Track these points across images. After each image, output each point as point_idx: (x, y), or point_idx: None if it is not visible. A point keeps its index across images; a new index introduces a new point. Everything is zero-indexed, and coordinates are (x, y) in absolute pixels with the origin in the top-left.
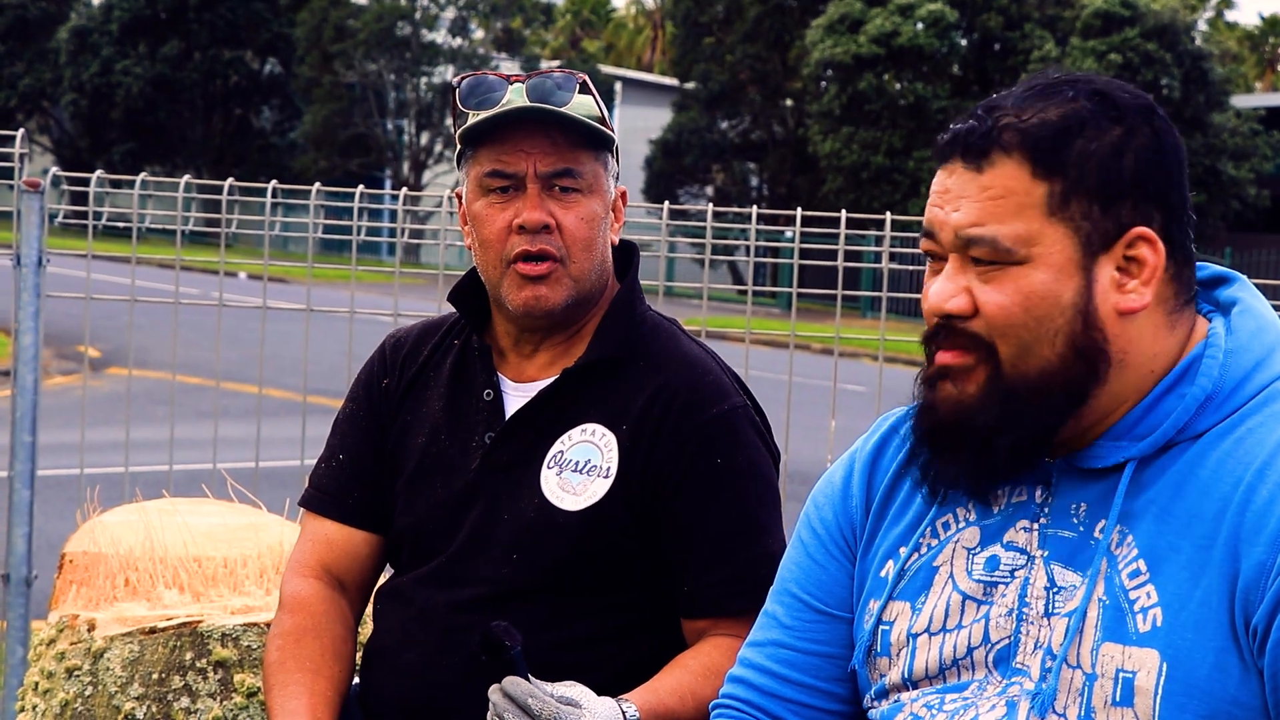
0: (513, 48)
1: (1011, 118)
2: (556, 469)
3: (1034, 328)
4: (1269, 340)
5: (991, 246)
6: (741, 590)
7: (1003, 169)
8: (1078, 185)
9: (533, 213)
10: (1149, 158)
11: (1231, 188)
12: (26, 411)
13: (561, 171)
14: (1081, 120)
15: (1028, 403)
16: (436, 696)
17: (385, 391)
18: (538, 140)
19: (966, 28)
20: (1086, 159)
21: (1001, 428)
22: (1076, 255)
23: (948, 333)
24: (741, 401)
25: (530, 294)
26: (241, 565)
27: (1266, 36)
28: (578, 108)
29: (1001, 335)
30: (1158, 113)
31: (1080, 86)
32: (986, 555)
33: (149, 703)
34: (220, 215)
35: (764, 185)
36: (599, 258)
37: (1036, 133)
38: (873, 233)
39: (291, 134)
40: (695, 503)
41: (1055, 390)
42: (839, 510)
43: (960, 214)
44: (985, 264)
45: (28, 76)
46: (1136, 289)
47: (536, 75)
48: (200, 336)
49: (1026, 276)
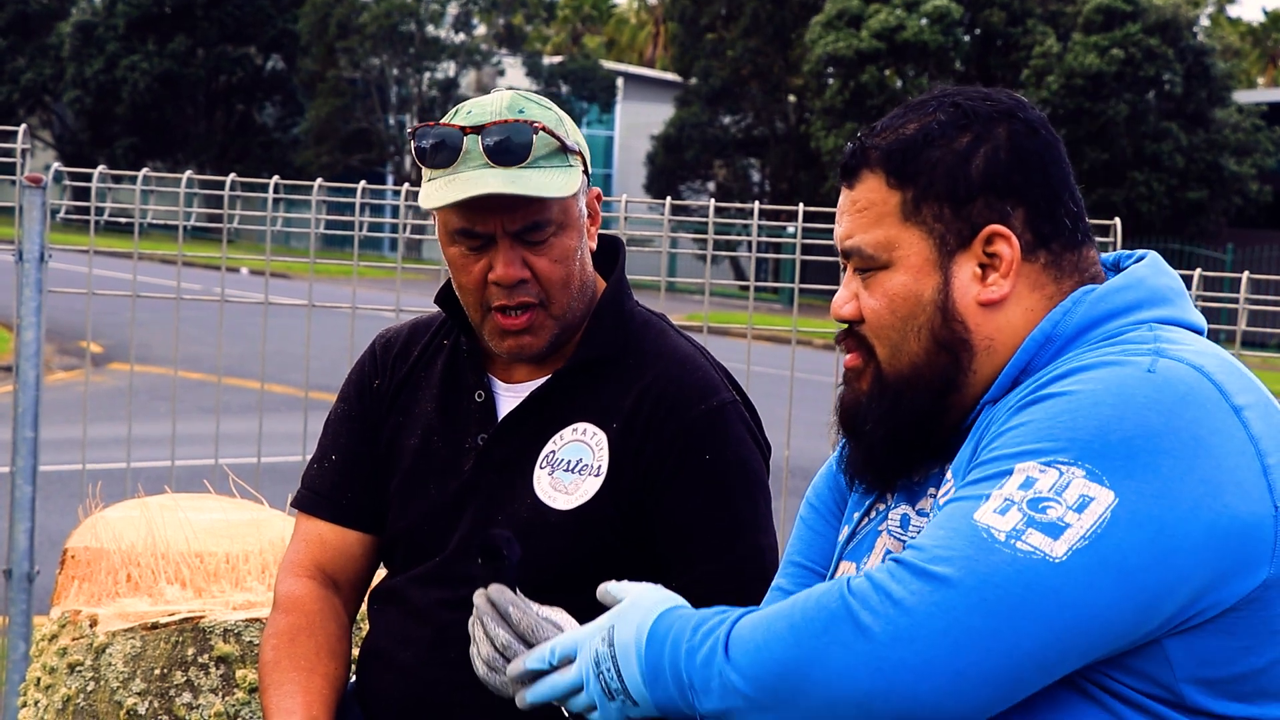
0: (514, 43)
1: (877, 138)
2: (549, 469)
3: (900, 326)
4: (1134, 296)
5: (859, 255)
6: (729, 585)
7: (866, 184)
8: (927, 191)
9: (507, 269)
10: (1000, 158)
11: (1233, 183)
12: (28, 407)
13: (531, 226)
14: (931, 132)
15: (903, 396)
16: (432, 694)
17: (376, 392)
18: (502, 199)
19: (969, 23)
20: (934, 166)
21: (881, 421)
22: (933, 255)
23: (846, 336)
24: (730, 397)
25: (513, 343)
26: (243, 561)
27: (1269, 32)
28: (540, 150)
29: (876, 335)
30: (1018, 116)
31: (942, 100)
32: (900, 513)
33: (151, 698)
34: (222, 211)
35: (766, 181)
36: (578, 286)
37: (890, 147)
38: None
39: (294, 130)
40: (683, 498)
41: (925, 381)
42: (831, 485)
43: (840, 228)
44: (862, 272)
45: (30, 71)
46: (996, 281)
47: (493, 127)
48: (202, 332)
49: (890, 279)
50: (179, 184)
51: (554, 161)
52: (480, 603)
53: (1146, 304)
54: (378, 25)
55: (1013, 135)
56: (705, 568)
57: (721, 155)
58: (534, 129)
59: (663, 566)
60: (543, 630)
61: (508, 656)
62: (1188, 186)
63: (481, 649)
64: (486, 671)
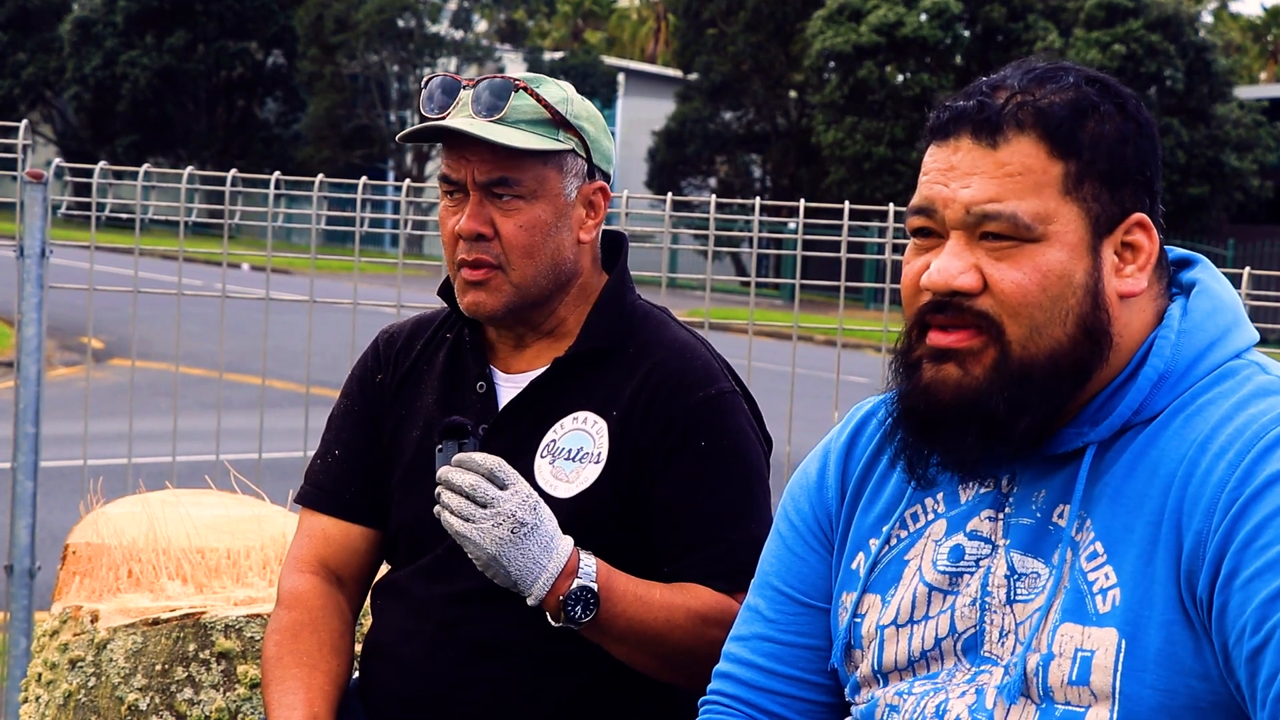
0: (515, 39)
1: (1025, 96)
2: (549, 458)
3: (1049, 306)
4: (1224, 320)
5: (1010, 222)
6: (721, 571)
7: (1018, 146)
8: (1090, 167)
9: (468, 222)
10: (1145, 146)
11: (1234, 179)
12: (30, 403)
13: (498, 180)
14: (1092, 104)
15: (1038, 384)
16: (435, 688)
17: (379, 386)
18: (477, 148)
19: (970, 19)
20: (1099, 141)
21: (1015, 411)
22: (1087, 236)
23: (951, 311)
24: (730, 387)
25: (471, 299)
26: (244, 556)
27: (1270, 27)
28: (517, 112)
29: (1013, 314)
30: (1143, 104)
31: (1076, 73)
32: (950, 545)
33: (152, 694)
34: (223, 207)
35: (767, 177)
36: (547, 262)
37: (1052, 112)
38: (875, 224)
39: (295, 126)
40: (680, 484)
41: (1063, 371)
42: (815, 501)
43: (973, 190)
44: (1000, 240)
45: (31, 66)
46: (1134, 274)
47: (483, 81)
48: (203, 328)
49: (1044, 254)
50: (180, 180)
51: (538, 129)
52: (443, 470)
53: (1233, 326)
54: (372, 21)
55: (1148, 123)
56: (697, 553)
57: (723, 151)
58: (515, 87)
59: (656, 551)
60: (505, 468)
61: (478, 500)
62: (1189, 182)
63: (451, 502)
64: (461, 524)
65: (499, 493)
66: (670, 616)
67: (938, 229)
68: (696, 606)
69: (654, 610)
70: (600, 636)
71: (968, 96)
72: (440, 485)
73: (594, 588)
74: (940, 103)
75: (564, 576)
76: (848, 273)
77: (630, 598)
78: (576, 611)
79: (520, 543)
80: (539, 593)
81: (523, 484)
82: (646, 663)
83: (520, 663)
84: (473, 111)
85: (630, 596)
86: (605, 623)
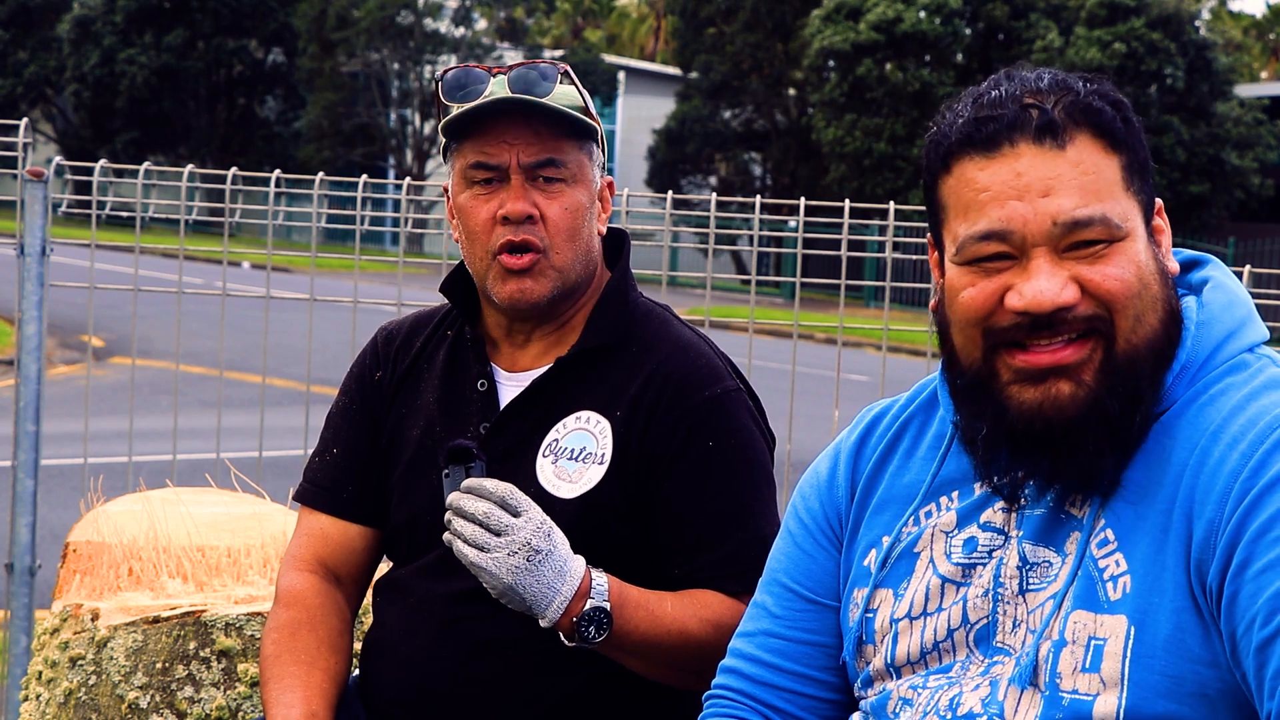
0: (515, 37)
1: (1066, 95)
2: (551, 457)
3: (1147, 297)
4: (1239, 314)
5: (1103, 226)
6: (732, 572)
7: (1081, 145)
8: (1134, 157)
9: (516, 203)
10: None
11: (1235, 177)
12: (30, 401)
13: (545, 161)
14: (1116, 99)
15: (1145, 373)
16: (436, 686)
17: (378, 384)
18: (520, 131)
19: (970, 16)
20: (1135, 133)
21: (1129, 404)
22: (1142, 224)
23: (1056, 327)
24: (735, 385)
25: (515, 287)
26: (245, 554)
27: (1271, 25)
28: (560, 98)
29: (1121, 310)
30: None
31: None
32: (964, 537)
33: (152, 692)
34: (224, 205)
35: (767, 174)
36: (584, 248)
37: (1099, 108)
38: (876, 222)
39: (295, 124)
40: (687, 485)
41: (1155, 354)
42: (825, 500)
43: (1057, 199)
44: (1091, 246)
45: (32, 64)
46: (1167, 254)
47: (519, 66)
48: (204, 326)
49: (1130, 248)
50: (180, 178)
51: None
52: (453, 497)
53: (1248, 321)
54: (372, 19)
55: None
56: (707, 554)
57: (723, 149)
58: (559, 70)
59: (662, 553)
60: (517, 495)
61: (492, 528)
62: (1189, 180)
63: (465, 530)
64: (476, 554)
65: (513, 520)
66: (683, 628)
67: (1014, 251)
68: (708, 615)
69: (666, 623)
70: (614, 652)
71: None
72: (451, 512)
73: (607, 607)
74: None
75: (577, 598)
76: (848, 271)
77: (642, 613)
78: (590, 631)
79: (535, 570)
80: (553, 616)
81: (535, 510)
82: (662, 673)
83: (522, 660)
84: (513, 93)
85: (642, 611)
86: (619, 639)
